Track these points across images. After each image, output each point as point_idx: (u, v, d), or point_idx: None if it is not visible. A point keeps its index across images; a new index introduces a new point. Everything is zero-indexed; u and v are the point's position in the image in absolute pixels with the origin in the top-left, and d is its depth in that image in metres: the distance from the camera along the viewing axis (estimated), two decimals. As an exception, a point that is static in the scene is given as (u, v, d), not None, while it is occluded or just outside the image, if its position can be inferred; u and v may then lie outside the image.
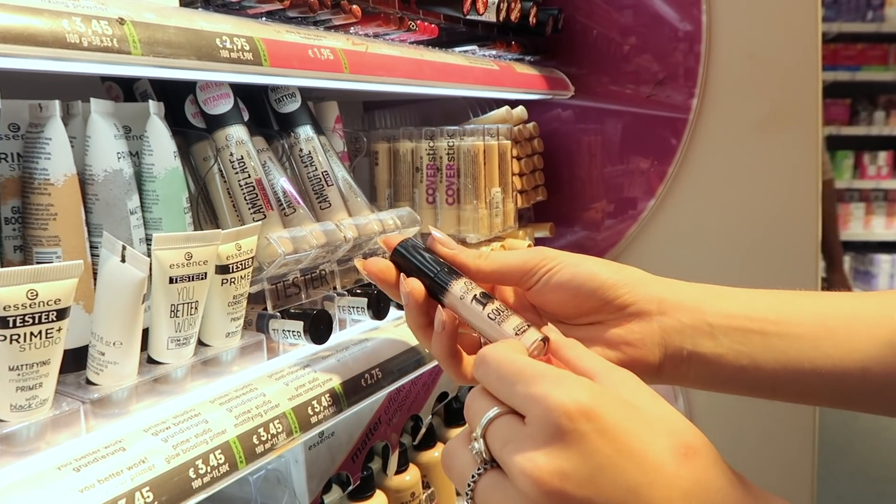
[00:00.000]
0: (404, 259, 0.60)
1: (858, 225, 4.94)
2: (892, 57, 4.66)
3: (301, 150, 0.81)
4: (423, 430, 1.00)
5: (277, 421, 0.62)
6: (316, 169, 0.81)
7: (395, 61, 0.78)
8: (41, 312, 0.49)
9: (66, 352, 0.53)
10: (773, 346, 0.52)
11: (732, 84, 1.28)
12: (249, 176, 0.73)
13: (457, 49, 1.09)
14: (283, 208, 0.77)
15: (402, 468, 0.95)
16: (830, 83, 4.57)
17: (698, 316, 0.54)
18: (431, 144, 1.04)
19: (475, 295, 0.54)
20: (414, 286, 0.57)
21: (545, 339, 0.48)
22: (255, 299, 0.74)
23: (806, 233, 1.29)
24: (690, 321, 0.54)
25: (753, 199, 1.30)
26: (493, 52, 1.13)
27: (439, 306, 0.56)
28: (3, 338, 0.48)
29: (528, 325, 0.51)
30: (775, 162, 1.28)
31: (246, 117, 0.76)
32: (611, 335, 0.55)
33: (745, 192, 1.31)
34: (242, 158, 0.73)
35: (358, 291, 0.81)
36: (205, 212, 0.75)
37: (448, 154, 1.02)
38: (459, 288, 0.55)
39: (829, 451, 2.82)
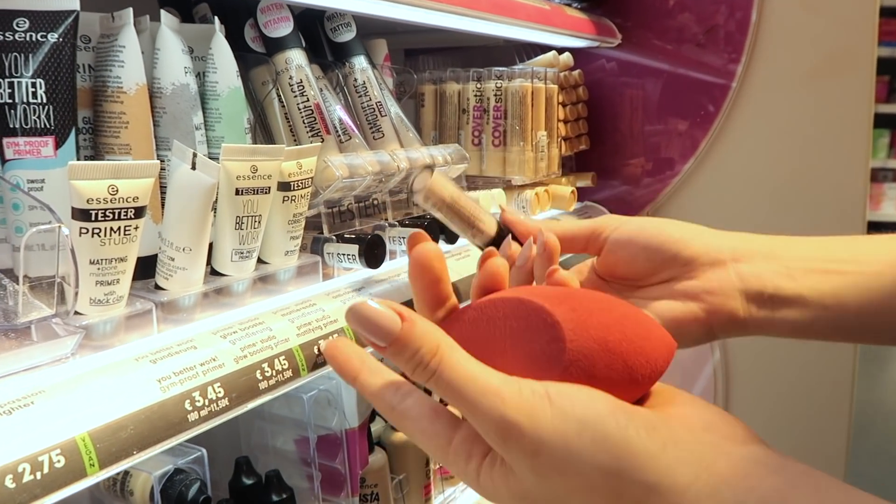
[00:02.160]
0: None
1: (891, 205, 4.84)
2: (936, 32, 4.51)
3: (356, 79, 0.82)
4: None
5: (336, 335, 0.64)
6: (370, 99, 0.82)
7: (452, -11, 0.78)
8: (121, 209, 0.50)
9: (136, 259, 0.55)
10: (854, 283, 0.51)
11: (782, 41, 1.26)
12: (308, 100, 0.73)
13: (507, -10, 1.08)
14: (339, 135, 0.77)
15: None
16: (870, 58, 4.44)
17: (774, 261, 0.53)
18: (479, 86, 1.03)
19: None
20: None
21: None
22: (309, 226, 0.75)
23: (854, 195, 1.27)
24: (767, 266, 0.53)
25: (797, 160, 1.29)
26: (543, -5, 1.12)
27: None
28: (85, 231, 0.49)
29: None
30: (824, 118, 1.26)
31: (303, 44, 0.77)
32: (688, 287, 0.53)
33: (788, 153, 1.29)
34: (301, 82, 0.73)
35: (408, 223, 0.81)
36: (262, 137, 0.76)
37: (495, 95, 1.02)
38: None
39: (853, 431, 2.81)
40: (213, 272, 0.64)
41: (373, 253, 0.71)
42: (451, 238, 0.83)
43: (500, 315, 0.36)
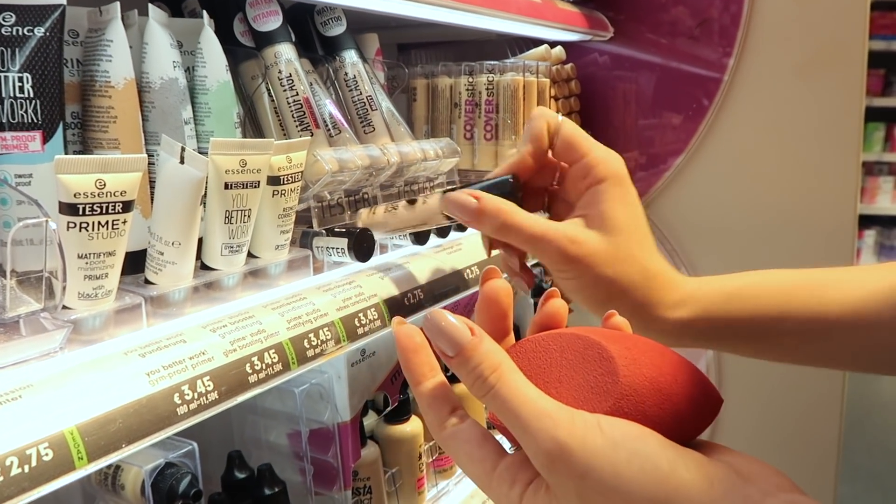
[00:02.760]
0: None
1: (886, 199, 4.85)
2: (931, 26, 4.51)
3: (346, 73, 0.82)
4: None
5: (326, 328, 0.64)
6: (361, 93, 0.82)
7: (442, -17, 0.78)
8: (109, 203, 0.50)
9: (125, 254, 0.55)
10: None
11: (774, 34, 1.26)
12: (298, 94, 0.73)
13: (498, -16, 1.08)
14: (329, 129, 0.77)
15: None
16: (864, 52, 4.44)
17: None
18: (470, 80, 1.03)
19: None
20: None
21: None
22: (300, 220, 0.75)
23: (845, 190, 1.27)
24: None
25: (789, 153, 1.29)
26: (534, -11, 1.12)
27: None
28: (73, 225, 0.49)
29: None
30: (815, 111, 1.26)
31: (293, 38, 0.77)
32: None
33: (780, 146, 1.29)
34: (291, 76, 0.73)
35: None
36: (252, 131, 0.76)
37: (487, 89, 1.02)
38: None
39: (847, 423, 2.83)
40: (203, 266, 0.64)
41: (362, 246, 0.71)
42: (442, 231, 0.83)
43: (557, 347, 0.38)
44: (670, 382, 0.36)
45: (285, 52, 0.73)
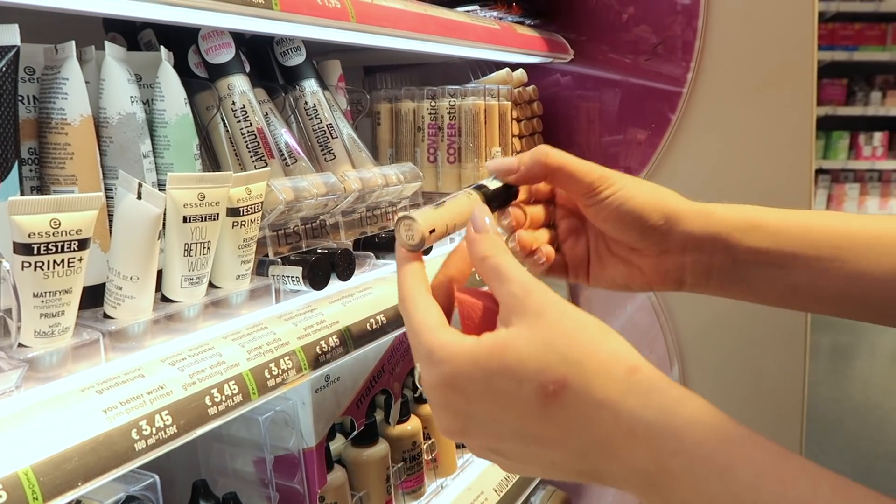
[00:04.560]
0: None
1: (853, 205, 4.96)
2: (890, 37, 4.65)
3: (306, 102, 0.83)
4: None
5: (287, 357, 0.65)
6: (321, 122, 0.83)
7: (399, 14, 0.79)
8: (64, 241, 0.51)
9: (83, 288, 0.55)
10: (809, 266, 0.55)
11: (729, 51, 1.30)
12: (252, 125, 0.74)
13: (459, 9, 1.10)
14: (285, 159, 0.78)
15: (403, 418, 0.97)
16: (828, 63, 4.56)
17: (729, 253, 0.57)
18: (433, 104, 1.05)
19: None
20: None
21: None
22: (262, 248, 0.75)
23: (799, 202, 1.31)
24: (721, 260, 0.57)
25: (745, 167, 1.33)
26: (495, 14, 1.14)
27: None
28: (27, 265, 0.50)
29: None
30: (769, 128, 1.30)
31: (247, 69, 0.78)
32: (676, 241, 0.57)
33: (737, 160, 1.33)
34: (244, 107, 0.74)
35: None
36: (207, 161, 0.77)
37: (449, 113, 1.04)
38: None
39: (819, 427, 2.87)
40: (164, 298, 0.64)
41: (317, 275, 0.72)
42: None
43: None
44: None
45: (238, 84, 0.74)
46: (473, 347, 0.41)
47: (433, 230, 0.49)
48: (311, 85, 0.84)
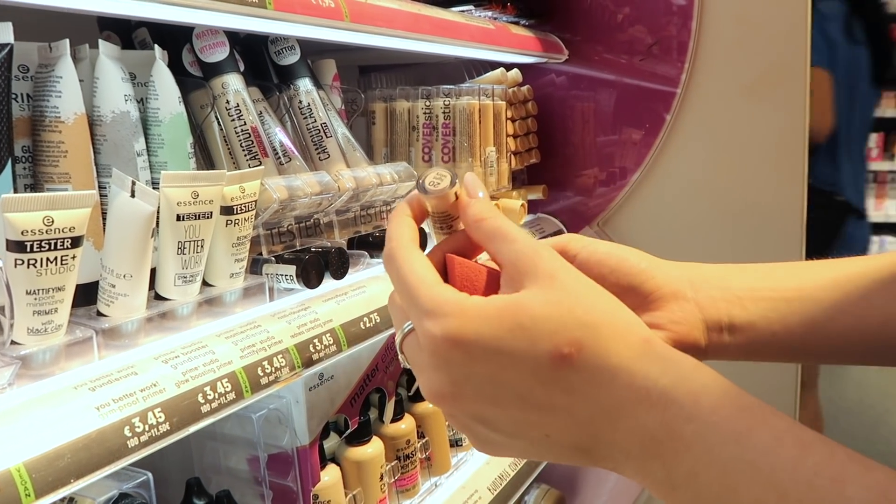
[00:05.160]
0: None
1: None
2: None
3: (301, 101, 0.83)
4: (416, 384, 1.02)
5: (281, 356, 0.65)
6: (315, 121, 0.83)
7: (394, 13, 0.80)
8: (57, 239, 0.51)
9: (76, 286, 0.55)
10: (798, 310, 0.54)
11: (723, 52, 1.30)
12: (246, 123, 0.74)
13: (454, 9, 1.10)
14: (279, 157, 0.78)
15: (397, 416, 0.98)
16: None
17: (727, 291, 0.55)
18: (427, 104, 1.05)
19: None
20: None
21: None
22: (256, 246, 0.76)
23: (792, 202, 1.31)
24: (721, 295, 0.55)
25: (739, 168, 1.33)
26: (489, 14, 1.14)
27: None
28: (21, 262, 0.50)
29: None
30: (762, 129, 1.30)
31: (241, 68, 0.78)
32: (655, 318, 0.54)
33: (730, 161, 1.34)
34: (238, 106, 0.74)
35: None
36: (201, 159, 0.77)
37: (444, 113, 1.04)
38: None
39: (815, 428, 2.89)
40: (158, 296, 0.64)
41: (310, 273, 0.72)
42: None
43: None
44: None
45: (233, 83, 0.74)
46: (484, 304, 0.39)
47: (458, 197, 0.48)
48: (305, 84, 0.84)
